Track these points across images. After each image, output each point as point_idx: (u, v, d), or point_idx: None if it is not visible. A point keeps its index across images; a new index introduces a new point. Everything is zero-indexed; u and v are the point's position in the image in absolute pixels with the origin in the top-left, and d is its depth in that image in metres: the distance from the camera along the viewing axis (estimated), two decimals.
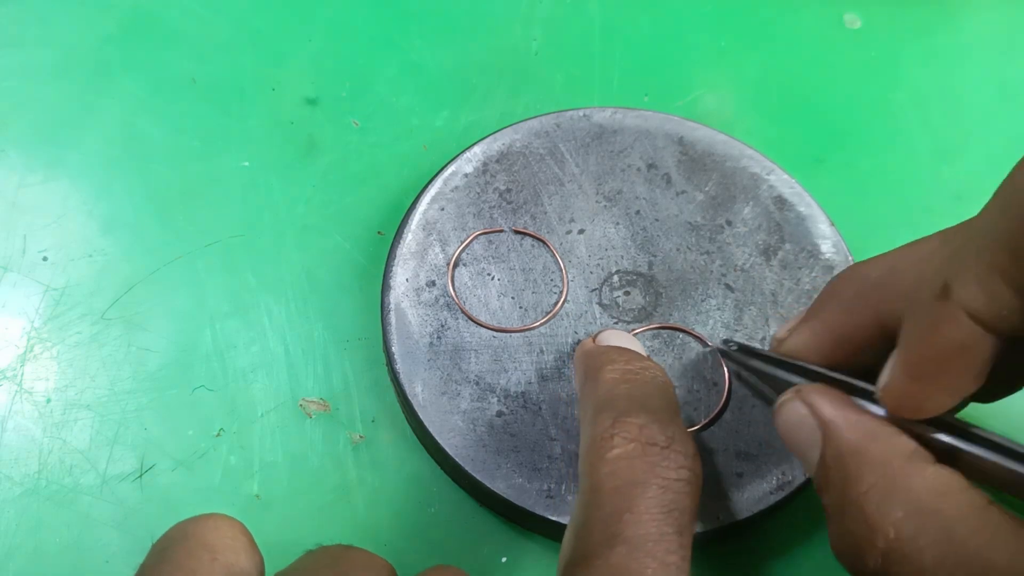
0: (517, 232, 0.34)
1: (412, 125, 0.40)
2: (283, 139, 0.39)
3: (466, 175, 0.35)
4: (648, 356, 0.29)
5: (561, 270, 0.34)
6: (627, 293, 0.34)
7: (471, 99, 0.40)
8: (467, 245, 0.34)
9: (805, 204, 0.36)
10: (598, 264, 0.34)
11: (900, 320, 0.25)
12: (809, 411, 0.25)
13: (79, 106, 0.39)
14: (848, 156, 0.41)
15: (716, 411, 0.32)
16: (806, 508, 0.32)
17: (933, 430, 0.24)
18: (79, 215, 0.36)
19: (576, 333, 0.33)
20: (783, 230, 0.35)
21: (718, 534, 0.30)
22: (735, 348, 0.32)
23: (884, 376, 0.24)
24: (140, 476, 0.31)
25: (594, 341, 0.30)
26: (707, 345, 0.33)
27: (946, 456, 0.23)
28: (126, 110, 0.39)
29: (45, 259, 0.35)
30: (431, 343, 0.32)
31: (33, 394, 0.33)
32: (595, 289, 0.34)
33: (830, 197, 0.36)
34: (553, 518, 0.29)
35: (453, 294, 0.33)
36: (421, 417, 0.31)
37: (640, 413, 0.25)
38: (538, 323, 0.33)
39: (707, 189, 0.36)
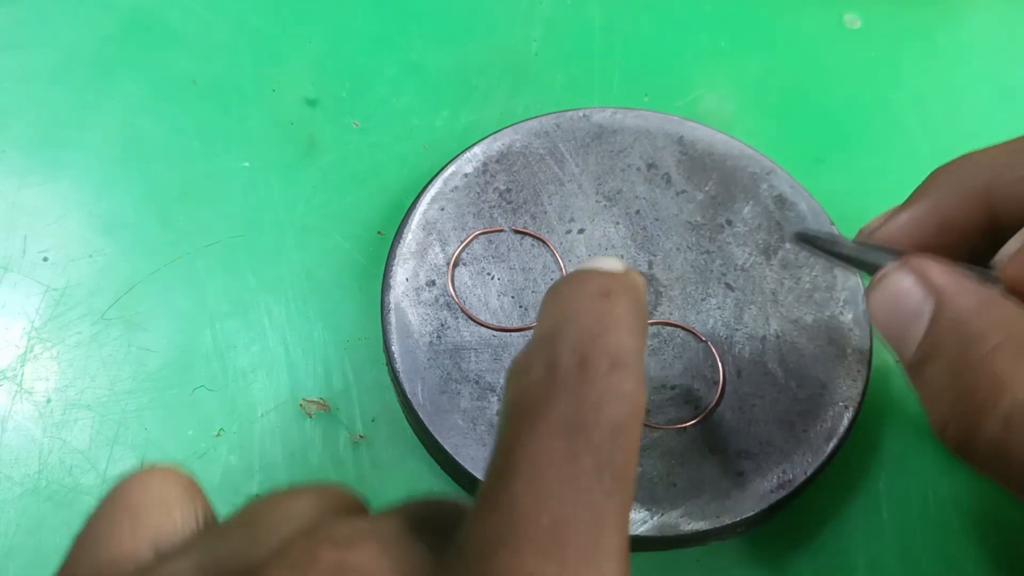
0: (517, 232, 0.34)
1: (412, 125, 0.40)
2: (283, 139, 0.39)
3: (466, 175, 0.35)
4: (611, 270, 0.23)
5: (561, 269, 0.34)
6: None
7: (471, 99, 0.40)
8: (467, 245, 0.34)
9: (805, 204, 0.36)
10: None
11: (1013, 204, 0.24)
12: (917, 280, 0.23)
13: (79, 106, 0.39)
14: (848, 156, 0.41)
15: (711, 405, 0.31)
16: (807, 508, 0.32)
17: None
18: (79, 215, 0.36)
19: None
20: (783, 229, 0.35)
21: (719, 533, 0.30)
22: (804, 239, 0.29)
23: (1012, 245, 0.23)
24: None
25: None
26: (701, 340, 0.33)
27: None
28: (126, 110, 0.39)
29: (45, 259, 0.35)
30: (431, 343, 0.32)
31: (33, 394, 0.32)
32: None
33: (830, 197, 0.36)
34: None
35: (453, 294, 0.33)
36: (421, 417, 0.31)
37: (555, 337, 0.20)
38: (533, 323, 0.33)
39: (707, 189, 0.36)
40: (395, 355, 0.32)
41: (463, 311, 0.33)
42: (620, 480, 0.18)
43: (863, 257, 0.27)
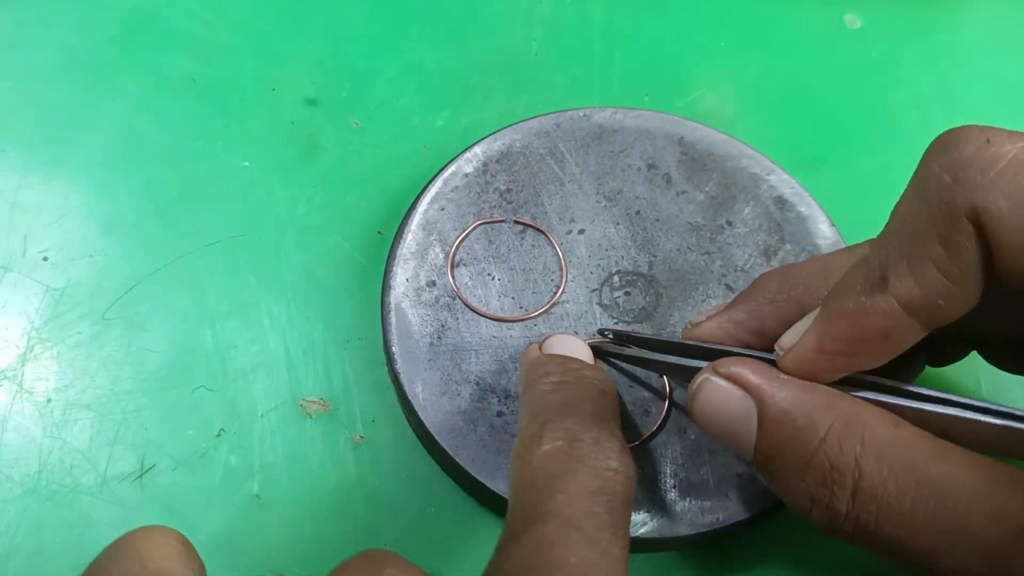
0: (518, 223, 0.34)
1: (412, 125, 0.40)
2: (283, 139, 0.39)
3: (466, 175, 0.35)
4: (591, 364, 0.29)
5: (561, 262, 0.34)
6: (627, 293, 0.34)
7: (471, 99, 0.40)
8: (468, 235, 0.34)
9: (805, 204, 0.36)
10: (598, 264, 0.34)
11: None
12: (732, 384, 0.25)
13: (80, 106, 0.39)
14: (848, 156, 0.41)
15: (656, 425, 0.31)
16: None
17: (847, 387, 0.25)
18: (79, 215, 0.36)
19: (576, 333, 0.33)
20: (783, 230, 0.35)
21: (719, 534, 0.30)
22: (609, 336, 0.32)
23: (789, 338, 0.25)
24: (140, 476, 0.31)
25: (540, 347, 0.31)
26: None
27: None
28: (127, 110, 0.39)
29: (45, 259, 0.35)
30: (431, 343, 0.32)
31: (33, 394, 0.33)
32: (595, 289, 0.34)
33: (830, 197, 0.36)
34: None
35: (453, 283, 0.33)
36: (421, 417, 0.31)
37: (566, 417, 0.25)
38: (538, 312, 0.33)
39: (707, 189, 0.36)
40: (395, 355, 0.32)
41: (463, 302, 0.33)
42: (627, 540, 0.22)
43: (653, 359, 0.29)
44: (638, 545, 0.30)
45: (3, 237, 0.35)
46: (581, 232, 0.35)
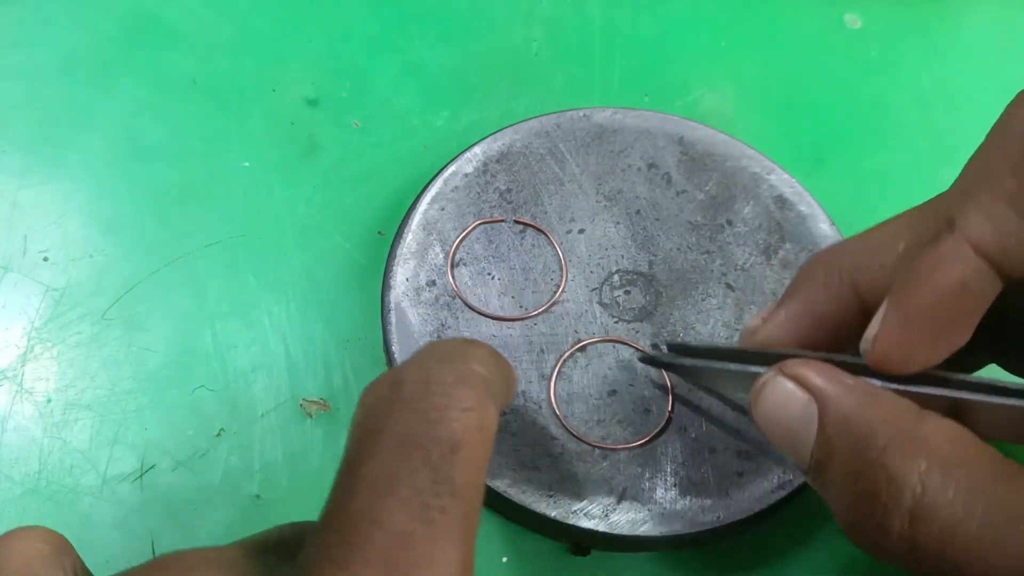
0: (518, 223, 0.34)
1: (412, 125, 0.40)
2: (283, 139, 0.39)
3: (466, 175, 0.35)
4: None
5: (561, 261, 0.34)
6: (627, 293, 0.34)
7: (471, 99, 0.40)
8: (467, 234, 0.34)
9: (805, 204, 0.36)
10: (598, 264, 0.34)
11: (878, 293, 0.24)
12: (797, 386, 0.24)
13: (80, 106, 0.39)
14: (848, 156, 0.41)
15: (661, 426, 0.31)
16: (807, 508, 0.32)
17: (923, 388, 0.23)
18: (80, 215, 0.36)
19: (576, 332, 0.33)
20: (783, 230, 0.35)
21: (719, 533, 0.30)
22: (667, 351, 0.30)
23: (872, 328, 0.23)
24: (140, 476, 0.31)
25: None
26: (641, 352, 0.32)
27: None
28: (127, 110, 0.39)
29: (46, 259, 0.35)
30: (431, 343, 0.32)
31: (33, 394, 0.32)
32: (595, 288, 0.34)
33: (830, 197, 0.36)
34: (554, 517, 0.29)
35: (453, 283, 0.33)
36: None
37: (405, 366, 0.21)
38: (538, 311, 0.33)
39: (707, 189, 0.36)
40: (395, 355, 0.32)
41: (464, 301, 0.33)
42: (459, 495, 0.18)
43: (726, 369, 0.27)
44: (638, 544, 0.30)
45: (3, 237, 0.35)
46: (581, 232, 0.35)
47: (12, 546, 0.19)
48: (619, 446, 0.31)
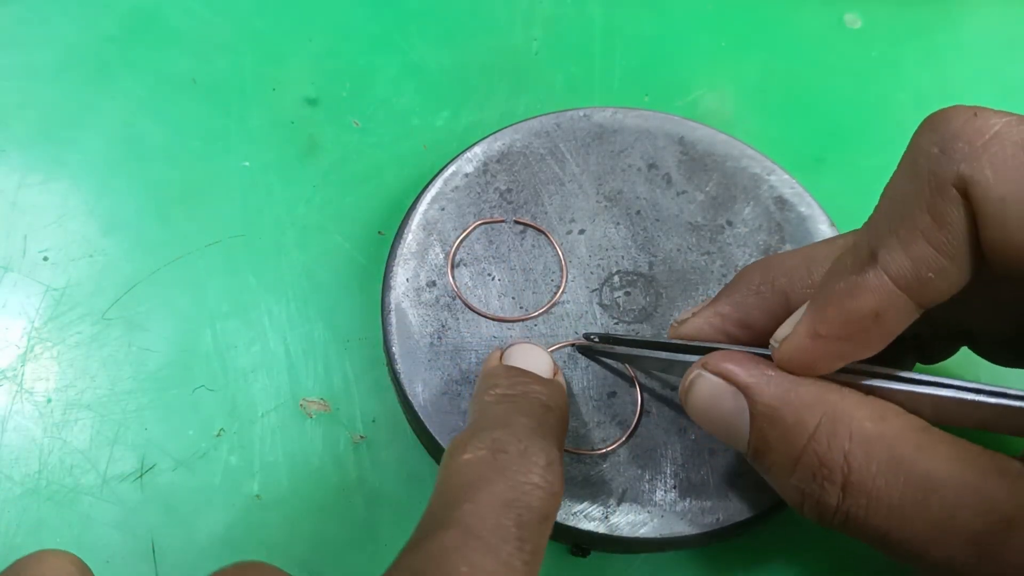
0: (518, 223, 0.34)
1: (412, 125, 0.40)
2: (283, 139, 0.39)
3: (466, 175, 0.35)
4: (545, 377, 0.29)
5: (561, 261, 0.34)
6: (628, 293, 0.34)
7: (471, 99, 0.40)
8: (468, 234, 0.34)
9: (806, 204, 0.36)
10: (599, 264, 0.34)
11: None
12: (722, 380, 0.25)
13: (80, 106, 0.39)
14: (848, 156, 0.41)
15: (632, 427, 0.31)
16: None
17: (841, 375, 0.25)
18: (80, 215, 0.36)
19: (576, 333, 0.33)
20: (784, 230, 0.35)
21: (719, 534, 0.30)
22: (597, 340, 0.32)
23: (783, 331, 0.25)
24: (140, 476, 0.31)
25: (502, 355, 0.30)
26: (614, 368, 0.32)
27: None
28: (126, 110, 0.39)
29: (46, 259, 0.35)
30: (431, 343, 0.32)
31: (33, 394, 0.33)
32: (595, 289, 0.34)
33: (830, 197, 0.36)
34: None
35: (453, 283, 0.33)
36: (421, 417, 0.31)
37: (498, 429, 0.25)
38: (538, 312, 0.33)
39: (708, 189, 0.36)
40: (395, 355, 0.32)
41: (464, 302, 0.33)
42: (537, 555, 0.22)
43: (644, 356, 0.29)
44: (638, 545, 0.30)
45: (3, 237, 0.35)
46: (581, 232, 0.35)
47: (49, 562, 0.21)
48: (593, 451, 0.31)
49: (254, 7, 0.42)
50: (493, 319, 0.33)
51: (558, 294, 0.33)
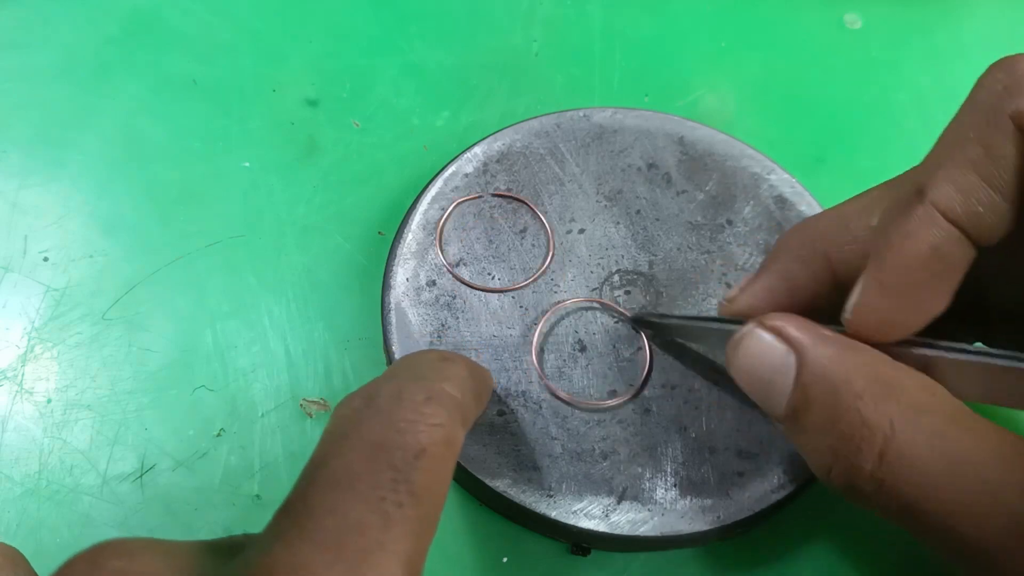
0: (495, 195, 0.35)
1: (412, 125, 0.40)
2: (284, 140, 0.39)
3: (466, 175, 0.35)
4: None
5: (548, 235, 0.34)
6: (628, 292, 0.34)
7: (471, 99, 0.40)
8: (449, 214, 0.34)
9: (806, 203, 0.36)
10: (599, 264, 0.34)
11: (849, 263, 0.25)
12: (775, 337, 0.25)
13: (80, 107, 0.39)
14: (848, 156, 0.41)
15: (641, 380, 0.32)
16: (807, 508, 0.32)
17: (900, 347, 0.24)
18: (80, 215, 0.36)
19: (577, 332, 0.33)
20: (784, 229, 0.35)
21: (719, 533, 0.30)
22: (654, 318, 0.32)
23: (852, 298, 0.24)
24: (140, 476, 0.31)
25: None
26: (626, 316, 0.33)
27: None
28: (127, 111, 0.39)
29: (46, 259, 0.35)
30: (432, 343, 0.32)
31: (34, 394, 0.32)
32: (596, 288, 0.34)
33: (830, 197, 0.36)
34: (554, 517, 0.29)
35: (442, 257, 0.33)
36: None
37: (378, 380, 0.23)
38: (527, 282, 0.33)
39: (708, 189, 0.36)
40: (395, 355, 0.32)
41: (455, 276, 0.33)
42: (417, 496, 0.20)
43: (719, 327, 0.29)
44: (638, 544, 0.30)
45: (3, 237, 0.35)
46: (581, 232, 0.35)
47: None
48: (602, 404, 0.31)
49: (254, 8, 0.42)
50: (487, 291, 0.33)
51: (546, 262, 0.33)
